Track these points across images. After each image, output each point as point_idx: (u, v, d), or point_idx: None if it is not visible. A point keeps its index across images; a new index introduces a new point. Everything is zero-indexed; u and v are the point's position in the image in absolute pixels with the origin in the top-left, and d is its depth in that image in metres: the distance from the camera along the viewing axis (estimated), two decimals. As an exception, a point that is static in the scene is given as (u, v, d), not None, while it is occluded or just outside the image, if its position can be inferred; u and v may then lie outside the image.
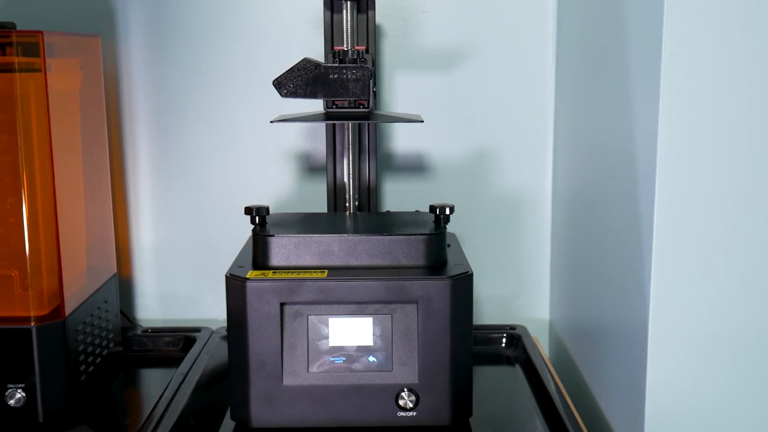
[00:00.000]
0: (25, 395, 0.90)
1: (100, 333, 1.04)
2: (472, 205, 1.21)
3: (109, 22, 1.17)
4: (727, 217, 0.76)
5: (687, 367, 0.78)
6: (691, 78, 0.74)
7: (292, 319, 0.83)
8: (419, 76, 1.18)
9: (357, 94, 0.85)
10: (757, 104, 0.74)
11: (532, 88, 1.19)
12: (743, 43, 0.73)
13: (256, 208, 0.88)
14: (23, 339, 0.90)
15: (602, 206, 0.95)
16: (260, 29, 1.17)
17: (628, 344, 0.84)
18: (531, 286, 1.25)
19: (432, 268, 0.85)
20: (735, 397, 0.79)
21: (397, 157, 1.21)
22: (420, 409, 0.83)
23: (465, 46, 1.18)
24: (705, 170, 0.75)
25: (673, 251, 0.77)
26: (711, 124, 0.74)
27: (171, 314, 1.25)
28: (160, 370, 1.10)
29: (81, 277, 1.00)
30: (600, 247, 0.96)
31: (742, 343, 0.78)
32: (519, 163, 1.21)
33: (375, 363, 0.83)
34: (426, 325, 0.82)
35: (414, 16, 1.17)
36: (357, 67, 0.85)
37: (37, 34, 0.88)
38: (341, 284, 0.82)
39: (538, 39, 1.18)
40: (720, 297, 0.77)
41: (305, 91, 0.84)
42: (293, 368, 0.83)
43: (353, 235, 0.85)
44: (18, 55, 0.87)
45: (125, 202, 1.22)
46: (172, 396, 0.95)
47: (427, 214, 0.94)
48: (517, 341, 1.14)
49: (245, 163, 1.20)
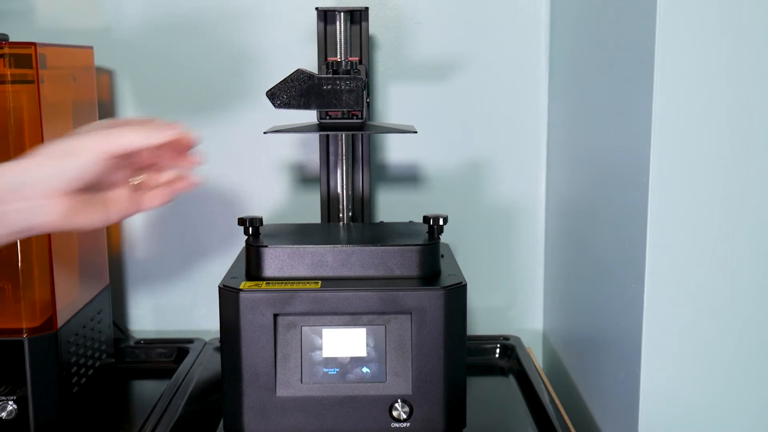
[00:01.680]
0: (16, 407, 0.90)
1: (92, 344, 1.03)
2: (465, 215, 1.21)
3: (102, 33, 1.17)
4: (720, 227, 0.76)
5: (680, 377, 0.79)
6: (683, 87, 0.74)
7: (285, 330, 0.83)
8: (413, 87, 1.18)
9: (350, 105, 0.85)
10: (749, 113, 0.74)
11: (526, 99, 1.20)
12: (735, 53, 0.74)
13: (250, 218, 0.88)
14: (15, 350, 0.89)
15: (596, 217, 0.96)
16: (254, 40, 1.18)
17: (621, 355, 0.84)
18: (524, 296, 1.25)
19: (425, 278, 0.85)
20: (728, 406, 0.79)
21: (391, 167, 1.21)
22: (414, 420, 0.83)
23: (458, 57, 1.18)
24: (698, 180, 0.75)
25: (666, 262, 0.77)
26: (704, 133, 0.75)
27: (164, 325, 1.24)
28: (153, 382, 1.09)
29: (73, 289, 0.99)
30: (593, 258, 0.97)
31: (735, 353, 0.78)
32: (512, 174, 1.21)
33: (368, 374, 0.83)
34: (420, 335, 0.82)
35: (407, 27, 1.18)
36: (350, 78, 0.85)
37: (29, 46, 0.88)
38: (335, 295, 0.82)
39: (531, 50, 1.18)
40: (713, 307, 0.77)
41: (299, 102, 0.85)
42: (286, 379, 0.82)
43: (347, 246, 0.85)
44: (11, 67, 0.87)
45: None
46: (164, 407, 0.95)
47: (421, 225, 0.94)
48: (510, 352, 1.14)
49: (239, 174, 1.20)
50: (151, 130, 0.68)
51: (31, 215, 0.66)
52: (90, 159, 0.66)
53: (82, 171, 0.66)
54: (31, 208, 0.65)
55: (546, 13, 1.18)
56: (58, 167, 0.66)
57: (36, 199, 0.65)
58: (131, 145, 0.68)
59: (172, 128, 0.69)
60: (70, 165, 0.66)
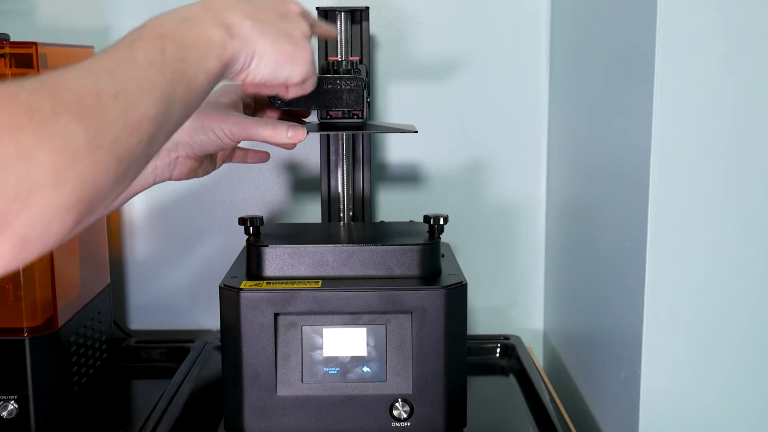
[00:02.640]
0: (17, 406, 0.90)
1: (93, 344, 1.03)
2: (466, 215, 1.21)
3: (103, 33, 1.17)
4: (720, 226, 0.76)
5: (680, 377, 0.79)
6: (683, 87, 0.74)
7: (286, 330, 0.83)
8: (413, 87, 1.18)
9: (351, 105, 0.85)
10: (749, 113, 0.75)
11: (526, 99, 1.20)
12: (735, 52, 0.74)
13: (250, 218, 0.88)
14: (16, 350, 0.89)
15: (596, 216, 0.96)
16: (254, 40, 1.17)
17: (621, 354, 0.84)
18: (525, 295, 1.25)
19: (426, 278, 0.85)
20: (728, 405, 0.79)
21: (391, 167, 1.21)
22: (414, 420, 0.83)
23: (459, 57, 1.18)
24: (698, 179, 0.75)
25: (666, 261, 0.77)
26: (704, 133, 0.75)
27: (164, 325, 1.24)
28: (154, 381, 1.09)
29: (74, 288, 0.99)
30: (594, 257, 0.97)
31: (736, 352, 0.78)
32: (513, 173, 1.21)
33: (369, 373, 0.83)
34: (420, 335, 0.82)
35: (408, 27, 1.18)
36: (351, 78, 0.85)
37: (30, 46, 0.88)
38: (335, 294, 0.82)
39: (532, 49, 1.18)
40: (713, 306, 0.77)
41: (299, 102, 0.84)
42: (287, 379, 0.82)
43: (347, 246, 0.85)
44: (11, 67, 0.87)
45: (118, 211, 1.21)
46: (165, 407, 0.95)
47: (421, 225, 0.94)
48: (511, 351, 1.14)
49: (239, 174, 1.20)
50: (279, 131, 0.78)
51: (165, 171, 0.80)
52: (227, 144, 0.79)
53: (218, 148, 0.80)
54: (169, 164, 0.79)
55: (546, 12, 1.18)
56: (200, 140, 0.79)
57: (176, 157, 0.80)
58: (263, 140, 0.79)
59: (296, 138, 0.79)
60: (211, 144, 0.79)
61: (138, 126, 0.49)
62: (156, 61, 0.53)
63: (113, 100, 0.47)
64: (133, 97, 0.49)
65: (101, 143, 0.45)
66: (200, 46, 0.58)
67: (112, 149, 0.46)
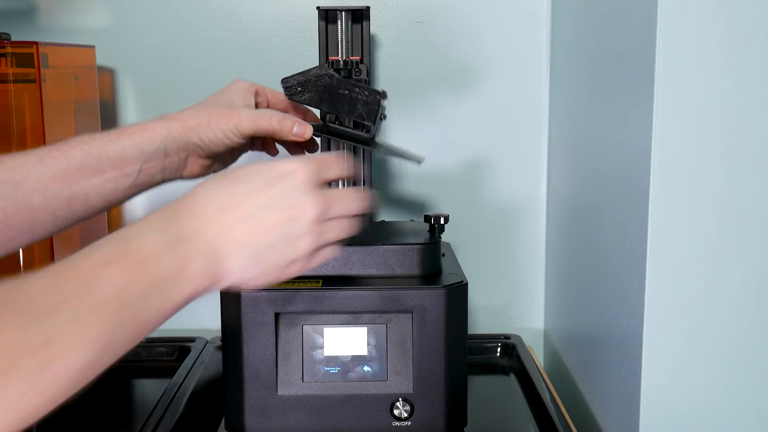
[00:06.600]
0: (18, 406, 0.90)
1: (94, 343, 1.03)
2: (467, 214, 1.21)
3: (104, 32, 1.17)
4: (720, 226, 0.76)
5: (681, 376, 0.79)
6: (684, 87, 0.74)
7: (286, 329, 0.83)
8: (413, 86, 1.18)
9: (363, 117, 0.82)
10: (750, 112, 0.74)
11: (527, 98, 1.20)
12: (736, 52, 0.74)
13: (251, 217, 0.88)
14: (17, 349, 0.89)
15: (597, 215, 0.96)
16: (255, 39, 1.18)
17: (622, 353, 0.84)
18: (526, 295, 1.25)
19: (427, 277, 0.85)
20: (729, 405, 0.79)
21: (392, 166, 1.21)
22: (415, 419, 0.83)
23: (459, 57, 1.18)
24: (698, 179, 0.75)
25: (667, 260, 0.77)
26: (704, 132, 0.75)
27: (165, 324, 1.24)
28: (155, 380, 1.09)
29: (75, 287, 0.99)
30: (594, 257, 0.97)
31: (736, 351, 0.78)
32: (514, 173, 1.21)
33: (370, 373, 0.83)
34: (421, 334, 0.82)
35: (408, 27, 1.18)
36: (371, 90, 0.83)
37: (31, 45, 0.88)
38: (336, 294, 0.82)
39: (533, 49, 1.18)
40: (714, 306, 0.77)
41: (311, 99, 0.82)
42: (288, 378, 0.83)
43: (348, 245, 0.85)
44: (13, 66, 0.88)
45: (119, 210, 1.21)
46: (166, 406, 0.95)
47: (422, 224, 0.94)
48: (511, 350, 1.14)
49: (240, 173, 1.20)
50: (285, 124, 0.79)
51: (174, 171, 0.80)
52: (235, 141, 0.78)
53: (226, 146, 0.79)
54: (178, 163, 0.79)
55: (547, 13, 1.18)
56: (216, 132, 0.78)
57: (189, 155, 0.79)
58: (270, 133, 0.79)
59: (301, 133, 0.80)
60: (219, 143, 0.79)
61: (63, 375, 0.50)
62: (114, 297, 0.51)
63: (43, 348, 0.47)
64: (64, 348, 0.48)
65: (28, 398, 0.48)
66: (175, 279, 0.56)
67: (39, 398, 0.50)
